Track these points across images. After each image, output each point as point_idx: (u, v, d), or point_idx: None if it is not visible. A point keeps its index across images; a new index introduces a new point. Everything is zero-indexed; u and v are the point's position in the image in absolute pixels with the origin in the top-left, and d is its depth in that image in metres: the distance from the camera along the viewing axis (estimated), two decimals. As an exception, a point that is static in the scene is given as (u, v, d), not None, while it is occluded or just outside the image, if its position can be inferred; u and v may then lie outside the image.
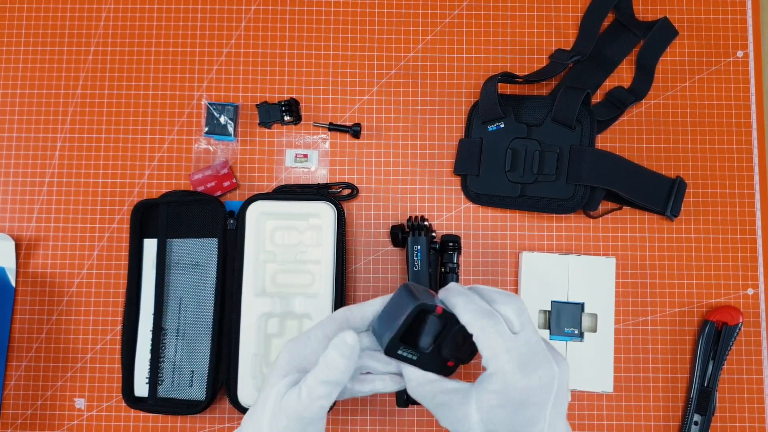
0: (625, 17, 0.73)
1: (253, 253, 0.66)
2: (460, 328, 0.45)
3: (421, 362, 0.47)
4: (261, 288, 0.67)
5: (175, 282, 0.68)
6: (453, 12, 0.74)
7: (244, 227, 0.66)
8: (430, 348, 0.46)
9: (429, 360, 0.47)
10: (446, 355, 0.47)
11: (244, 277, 0.66)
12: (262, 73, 0.73)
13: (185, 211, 0.69)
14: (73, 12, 0.74)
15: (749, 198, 0.71)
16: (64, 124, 0.73)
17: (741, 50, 0.73)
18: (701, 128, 0.72)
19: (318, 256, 0.68)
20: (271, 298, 0.66)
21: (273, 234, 0.68)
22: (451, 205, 0.71)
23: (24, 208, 0.71)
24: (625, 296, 0.70)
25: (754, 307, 0.70)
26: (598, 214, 0.71)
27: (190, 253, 0.69)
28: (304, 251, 0.68)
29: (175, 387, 0.67)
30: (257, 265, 0.67)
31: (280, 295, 0.67)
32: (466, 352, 0.47)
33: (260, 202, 0.67)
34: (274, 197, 0.67)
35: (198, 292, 0.68)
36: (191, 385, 0.67)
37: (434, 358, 0.47)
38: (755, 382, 0.68)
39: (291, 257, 0.68)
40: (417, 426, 0.69)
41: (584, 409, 0.68)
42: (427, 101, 0.73)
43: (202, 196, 0.68)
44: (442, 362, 0.47)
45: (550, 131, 0.67)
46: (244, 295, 0.66)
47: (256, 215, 0.67)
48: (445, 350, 0.47)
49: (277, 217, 0.68)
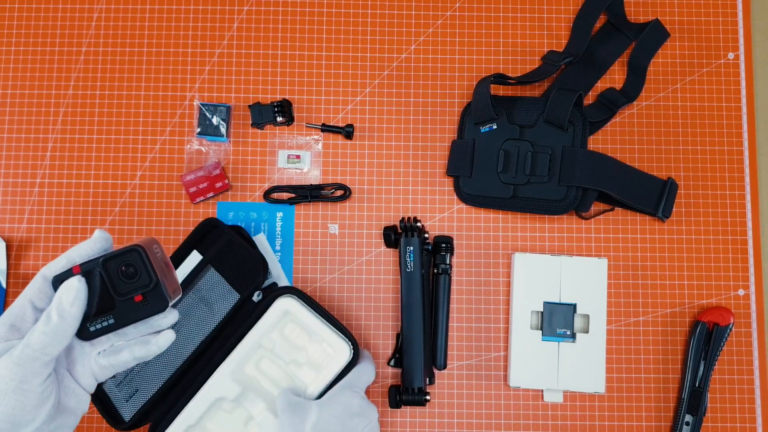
0: (617, 19, 0.74)
1: (257, 336, 0.63)
2: (106, 261, 0.45)
3: (120, 319, 0.46)
4: (241, 369, 0.64)
5: (184, 304, 0.66)
6: (445, 13, 0.74)
7: (264, 310, 0.64)
8: (115, 300, 0.45)
9: (123, 311, 0.46)
10: (125, 291, 0.45)
11: (235, 350, 0.63)
12: (254, 73, 0.73)
13: (237, 251, 0.66)
14: (65, 12, 0.74)
15: (740, 199, 0.71)
16: (56, 124, 0.72)
17: (732, 52, 0.74)
18: (693, 130, 0.72)
19: (309, 379, 0.63)
20: (241, 385, 0.63)
21: (284, 328, 0.65)
22: (444, 206, 0.72)
23: (15, 209, 0.71)
24: (617, 297, 0.70)
25: (745, 307, 0.70)
26: (590, 215, 0.71)
27: (211, 289, 0.67)
28: (300, 364, 0.64)
29: (116, 389, 0.65)
30: (253, 347, 0.64)
31: (252, 384, 0.63)
32: (136, 276, 0.46)
33: (292, 300, 0.63)
34: (307, 302, 0.63)
35: (190, 327, 0.66)
36: (127, 401, 0.65)
37: (124, 305, 0.46)
38: (746, 383, 0.69)
39: (287, 356, 0.64)
40: (410, 427, 0.69)
41: (576, 410, 0.69)
42: (419, 102, 0.73)
43: (257, 253, 0.66)
44: (132, 304, 0.46)
45: (542, 132, 0.68)
46: (222, 367, 0.63)
47: (281, 311, 0.63)
48: (121, 289, 0.45)
49: (297, 323, 0.64)
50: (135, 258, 0.45)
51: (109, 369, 0.48)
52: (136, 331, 0.48)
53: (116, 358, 0.47)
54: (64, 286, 0.44)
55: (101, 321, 0.45)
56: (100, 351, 0.48)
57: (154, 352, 0.48)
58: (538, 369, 0.67)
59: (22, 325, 0.45)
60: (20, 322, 0.45)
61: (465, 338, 0.70)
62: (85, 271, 0.45)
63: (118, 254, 0.45)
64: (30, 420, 0.43)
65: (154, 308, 0.46)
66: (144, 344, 0.48)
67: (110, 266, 0.45)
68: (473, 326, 0.70)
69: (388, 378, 0.69)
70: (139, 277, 0.45)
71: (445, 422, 0.68)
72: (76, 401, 0.47)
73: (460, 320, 0.70)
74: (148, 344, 0.48)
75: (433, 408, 0.69)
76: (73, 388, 0.47)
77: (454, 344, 0.70)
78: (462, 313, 0.70)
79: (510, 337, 0.68)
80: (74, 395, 0.47)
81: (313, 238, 0.71)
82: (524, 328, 0.68)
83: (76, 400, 0.47)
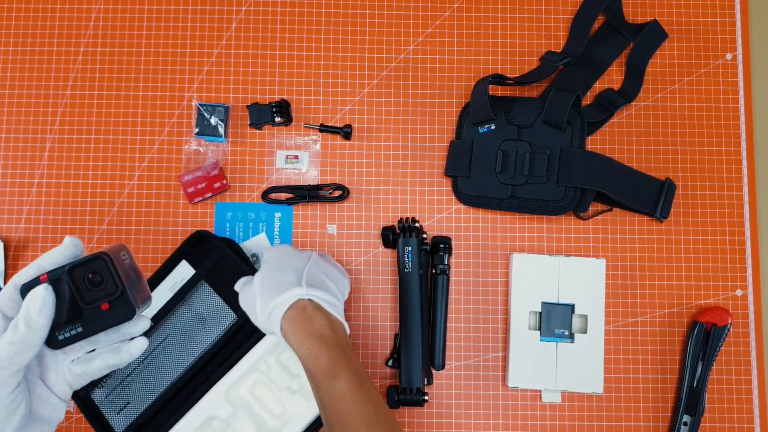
0: (615, 20, 0.74)
1: (254, 358, 0.64)
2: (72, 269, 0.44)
3: (88, 327, 0.45)
4: (236, 390, 0.64)
5: (177, 319, 0.66)
6: (444, 14, 0.74)
7: (263, 334, 0.63)
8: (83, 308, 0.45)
9: (90, 319, 0.45)
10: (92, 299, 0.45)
11: (232, 371, 0.63)
12: (252, 74, 0.73)
13: (231, 267, 0.66)
14: (63, 12, 0.74)
15: (738, 200, 0.71)
16: (54, 125, 0.72)
17: (730, 53, 0.74)
18: (690, 130, 0.72)
19: (299, 408, 0.64)
20: (234, 406, 0.63)
21: (282, 354, 0.65)
22: (442, 206, 0.72)
23: (13, 209, 0.71)
24: (615, 297, 0.70)
25: (742, 308, 0.70)
26: (588, 215, 0.71)
27: (208, 307, 0.66)
28: (293, 391, 0.64)
29: (107, 401, 0.65)
30: (250, 370, 0.64)
31: (245, 405, 0.64)
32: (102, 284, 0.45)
33: None
34: None
35: (186, 344, 0.66)
36: (119, 413, 0.65)
37: (91, 313, 0.45)
38: (744, 383, 0.69)
39: (281, 382, 0.64)
40: (408, 428, 0.69)
41: (574, 410, 0.69)
42: (418, 103, 0.73)
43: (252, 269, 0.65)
44: (99, 312, 0.45)
45: (540, 133, 0.68)
46: (217, 386, 0.63)
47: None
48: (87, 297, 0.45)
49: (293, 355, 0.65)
50: (100, 265, 0.44)
51: (82, 377, 0.47)
52: (108, 338, 0.47)
53: (89, 365, 0.47)
54: (31, 294, 0.43)
55: (69, 329, 0.45)
56: (74, 359, 0.47)
57: (126, 359, 0.47)
58: (536, 369, 0.67)
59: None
60: None
61: (463, 338, 0.70)
62: (53, 279, 0.44)
63: (84, 262, 0.44)
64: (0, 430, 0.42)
65: (121, 316, 0.46)
66: (116, 352, 0.47)
67: (76, 274, 0.44)
68: (471, 326, 0.70)
69: (386, 378, 0.69)
70: (105, 285, 0.45)
71: (443, 422, 0.68)
72: (50, 410, 0.46)
73: (458, 320, 0.70)
74: (120, 351, 0.47)
75: (432, 408, 0.69)
76: (47, 397, 0.46)
77: (453, 344, 0.70)
78: (460, 314, 0.70)
79: (508, 337, 0.68)
80: (48, 404, 0.46)
81: (312, 238, 0.71)
82: (522, 329, 0.68)
83: (50, 408, 0.46)
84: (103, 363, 0.47)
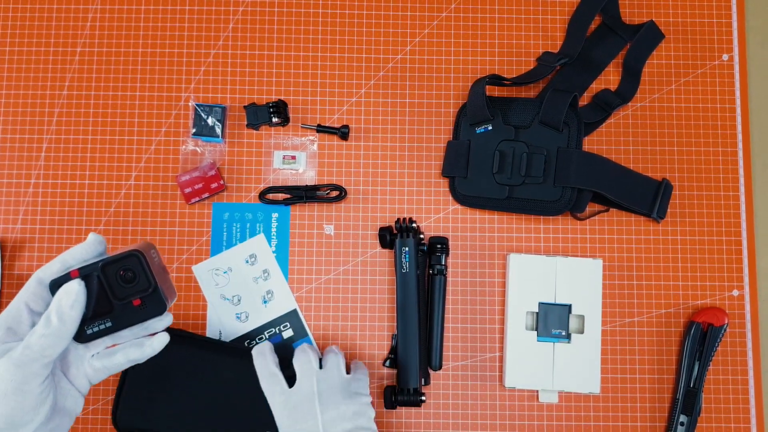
0: (612, 20, 0.74)
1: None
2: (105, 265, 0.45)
3: (118, 322, 0.47)
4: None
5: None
6: (441, 14, 0.74)
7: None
8: (113, 303, 0.46)
9: (121, 314, 0.46)
10: (124, 296, 0.46)
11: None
12: (250, 74, 0.73)
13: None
14: (59, 12, 0.74)
15: (734, 200, 0.71)
16: (50, 125, 0.72)
17: (726, 53, 0.74)
18: (687, 131, 0.73)
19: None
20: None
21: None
22: (439, 207, 0.72)
23: (9, 209, 0.71)
24: (612, 298, 0.70)
25: (739, 308, 0.70)
26: (585, 215, 0.71)
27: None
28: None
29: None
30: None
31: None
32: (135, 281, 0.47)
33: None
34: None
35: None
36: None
37: (122, 309, 0.46)
38: (741, 383, 0.69)
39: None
40: (405, 428, 0.69)
41: (571, 411, 0.69)
42: (415, 103, 0.73)
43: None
44: (130, 307, 0.47)
45: (537, 133, 0.68)
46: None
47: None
48: (119, 293, 0.46)
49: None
50: (134, 263, 0.46)
51: (102, 371, 0.48)
52: (131, 333, 0.49)
53: (110, 360, 0.48)
54: (64, 289, 0.44)
55: (99, 324, 0.46)
56: (94, 353, 0.49)
57: (148, 354, 0.49)
58: (533, 369, 0.67)
59: (19, 328, 0.45)
60: (16, 325, 0.45)
61: (460, 339, 0.70)
62: (84, 275, 0.46)
63: (117, 259, 0.46)
64: (29, 421, 0.44)
65: (152, 312, 0.47)
66: (139, 346, 0.49)
67: (109, 271, 0.46)
68: (468, 327, 0.70)
69: (383, 379, 0.69)
70: (137, 282, 0.46)
71: (440, 423, 0.69)
72: (72, 402, 0.48)
73: (455, 321, 0.70)
74: (142, 347, 0.49)
75: (429, 409, 0.69)
76: (69, 390, 0.48)
77: (450, 345, 0.70)
78: (457, 314, 0.70)
79: (505, 337, 0.69)
80: (70, 396, 0.48)
81: (309, 239, 0.71)
82: (519, 329, 0.68)
83: (72, 401, 0.48)
84: (124, 358, 0.48)
